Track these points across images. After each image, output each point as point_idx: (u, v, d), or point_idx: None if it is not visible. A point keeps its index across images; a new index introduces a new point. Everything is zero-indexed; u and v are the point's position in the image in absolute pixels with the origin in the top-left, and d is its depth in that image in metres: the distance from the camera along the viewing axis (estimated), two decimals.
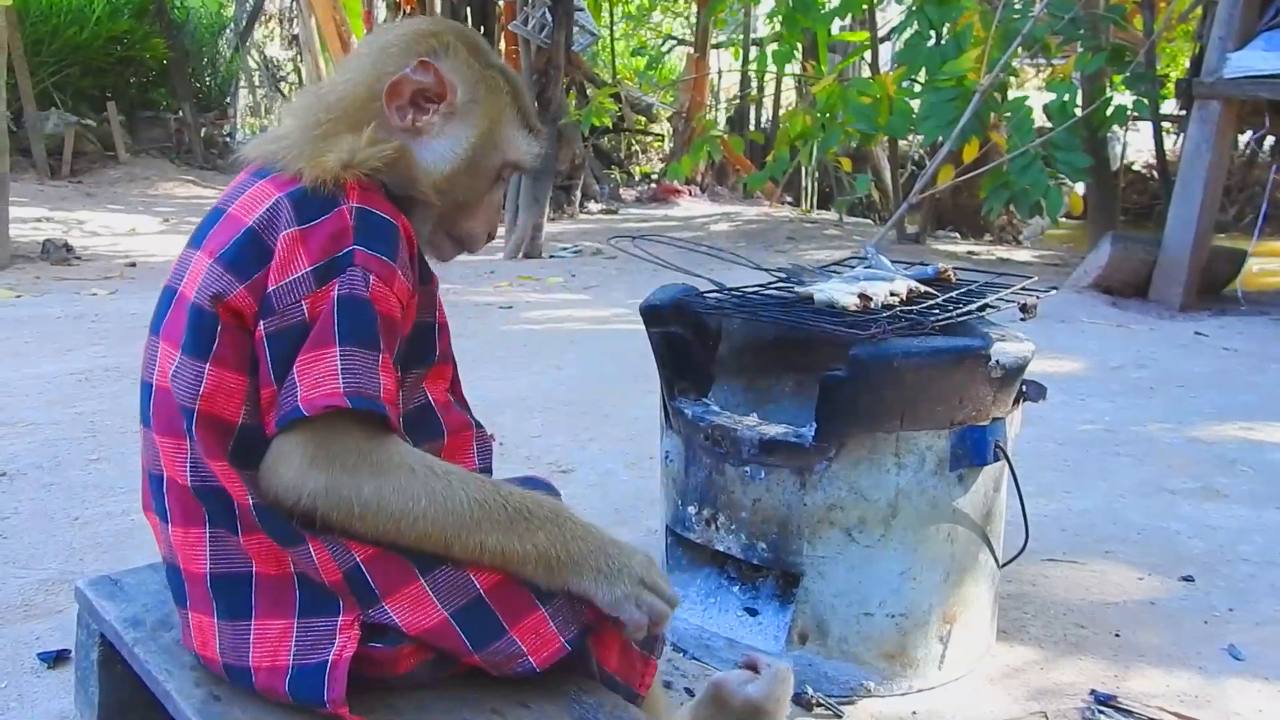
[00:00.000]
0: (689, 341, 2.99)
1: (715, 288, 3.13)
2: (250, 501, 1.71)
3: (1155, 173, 13.70)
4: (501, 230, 11.48)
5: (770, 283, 3.24)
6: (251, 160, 1.88)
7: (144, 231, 11.47)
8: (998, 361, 2.65)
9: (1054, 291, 3.46)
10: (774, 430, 2.72)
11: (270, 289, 1.66)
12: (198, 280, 1.72)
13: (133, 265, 9.24)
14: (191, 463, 1.73)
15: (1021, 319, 3.02)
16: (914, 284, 3.00)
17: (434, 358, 1.91)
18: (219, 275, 1.69)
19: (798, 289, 3.00)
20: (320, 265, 1.66)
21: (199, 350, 1.69)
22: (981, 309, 2.90)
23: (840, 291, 2.81)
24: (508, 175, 2.01)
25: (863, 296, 2.78)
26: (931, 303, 2.91)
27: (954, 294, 3.03)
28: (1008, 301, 3.01)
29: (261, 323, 1.66)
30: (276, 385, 1.66)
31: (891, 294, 2.86)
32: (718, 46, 20.31)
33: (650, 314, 2.98)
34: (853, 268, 3.31)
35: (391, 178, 1.81)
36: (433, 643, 1.77)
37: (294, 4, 18.53)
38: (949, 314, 2.78)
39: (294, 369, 1.64)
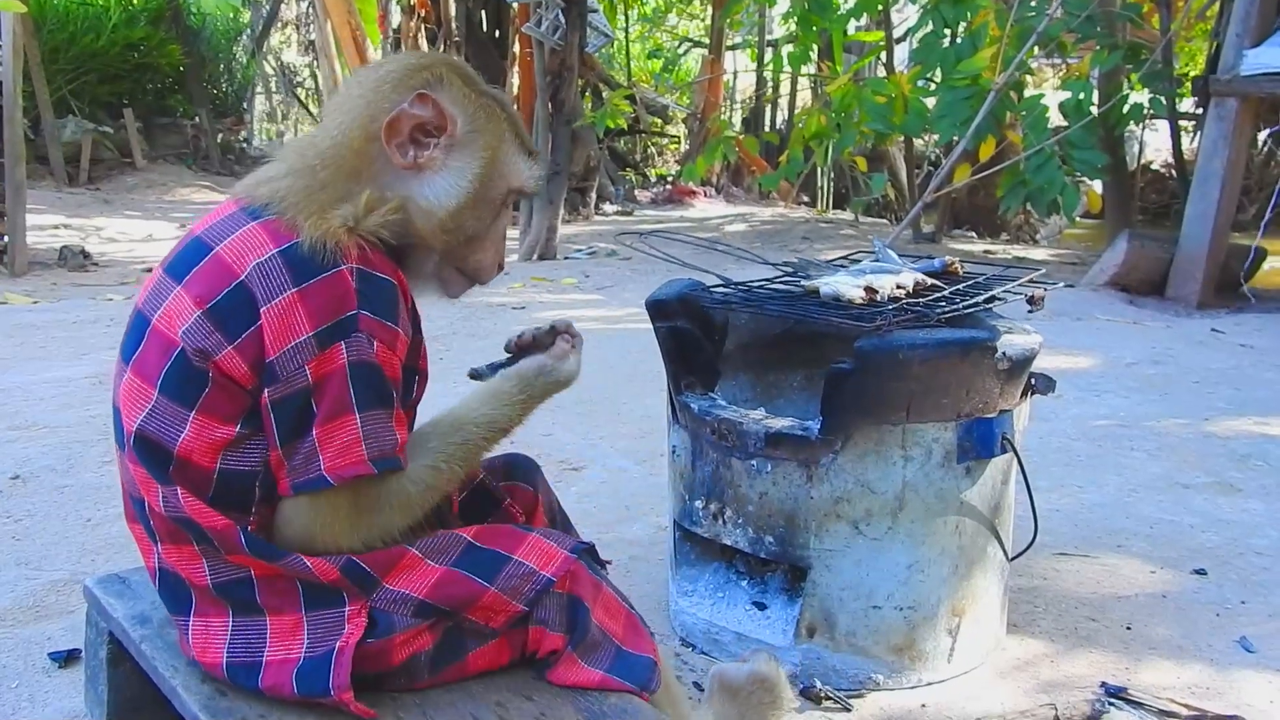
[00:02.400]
0: (695, 336, 2.98)
1: (722, 282, 3.13)
2: (223, 526, 1.74)
3: (1172, 171, 13.65)
4: (516, 232, 11.50)
5: (776, 277, 3.23)
6: (241, 197, 1.84)
7: (160, 237, 11.52)
8: (1004, 353, 2.63)
9: (1062, 285, 3.45)
10: (780, 423, 2.72)
11: (271, 358, 1.66)
12: (178, 323, 1.72)
13: (149, 271, 9.24)
14: (162, 496, 1.75)
15: (1029, 312, 3.01)
16: (921, 277, 2.99)
17: (407, 402, 1.92)
18: (207, 331, 1.68)
19: (804, 283, 3.00)
20: (323, 329, 1.66)
21: (184, 398, 1.71)
22: (988, 301, 2.89)
23: (846, 285, 2.80)
24: (510, 201, 1.99)
25: (868, 289, 2.77)
26: (938, 295, 2.90)
27: (961, 287, 3.02)
28: (1015, 294, 3.00)
29: (266, 390, 1.68)
30: (282, 448, 1.70)
31: (898, 287, 2.85)
32: (733, 48, 20.34)
33: (656, 309, 2.98)
34: (860, 262, 3.30)
35: (392, 232, 1.79)
36: (444, 596, 1.81)
37: (310, 9, 18.59)
38: (955, 306, 2.77)
39: (313, 437, 1.68)
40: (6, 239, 8.84)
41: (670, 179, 19.10)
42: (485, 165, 1.88)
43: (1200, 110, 10.39)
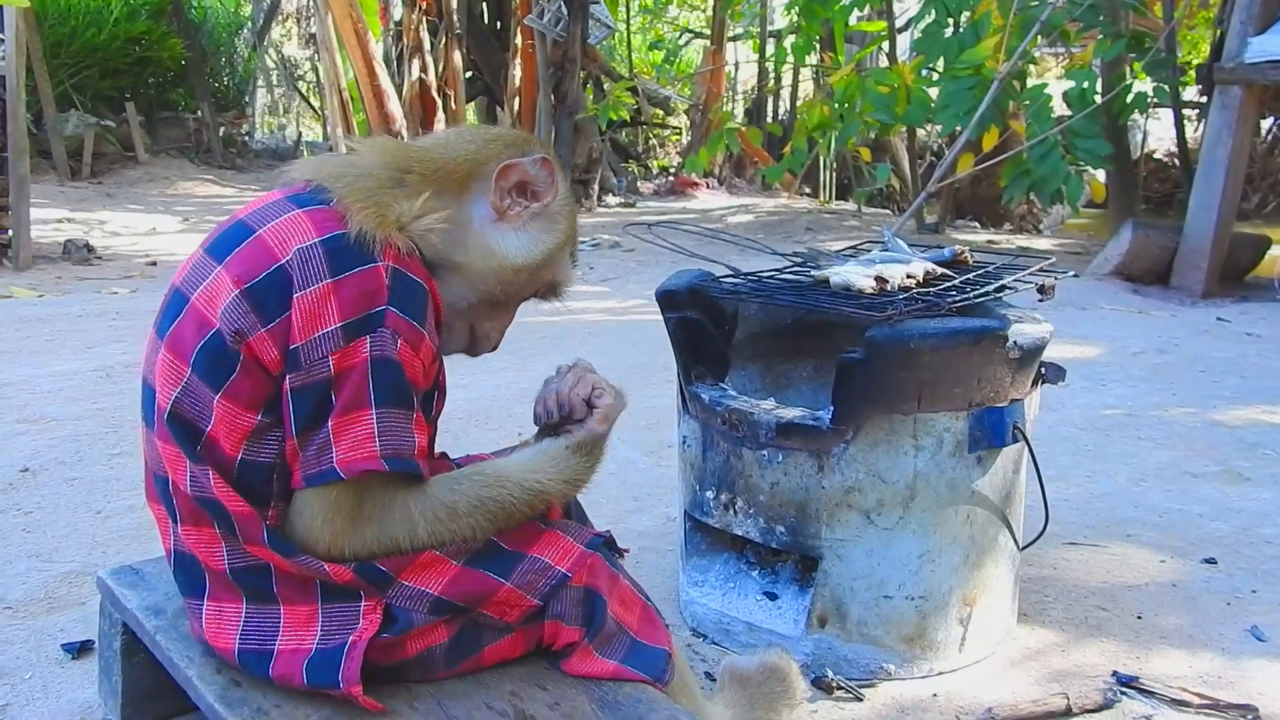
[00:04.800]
0: (705, 326, 2.98)
1: (731, 273, 3.13)
2: (247, 513, 1.74)
3: (1176, 160, 13.62)
4: None
5: (786, 267, 3.23)
6: (300, 180, 1.87)
7: (164, 231, 11.51)
8: (1015, 343, 2.63)
9: (1071, 274, 3.45)
10: (791, 413, 2.72)
11: (297, 344, 1.67)
12: (217, 301, 1.73)
13: (153, 264, 9.28)
14: (190, 475, 1.75)
15: (1039, 300, 3.01)
16: (931, 266, 2.99)
17: (428, 416, 1.92)
18: (244, 311, 1.69)
19: (814, 273, 3.00)
20: (351, 321, 1.67)
21: (213, 380, 1.72)
22: (999, 290, 2.89)
23: (856, 274, 2.80)
24: (542, 294, 2.06)
25: (879, 279, 2.77)
26: (948, 284, 2.90)
27: (971, 276, 3.02)
28: (1025, 283, 3.00)
29: (287, 377, 1.68)
30: (297, 437, 1.70)
31: (908, 276, 2.84)
32: (735, 39, 20.28)
33: (666, 299, 2.98)
34: (869, 252, 3.30)
35: (434, 243, 1.81)
36: (460, 592, 1.81)
37: (311, 3, 18.56)
38: (966, 295, 2.77)
39: (328, 428, 1.68)
40: (11, 233, 8.82)
41: (673, 171, 19.07)
42: (554, 245, 1.97)
43: (1204, 99, 10.39)
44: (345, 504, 1.73)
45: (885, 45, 13.35)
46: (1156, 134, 17.54)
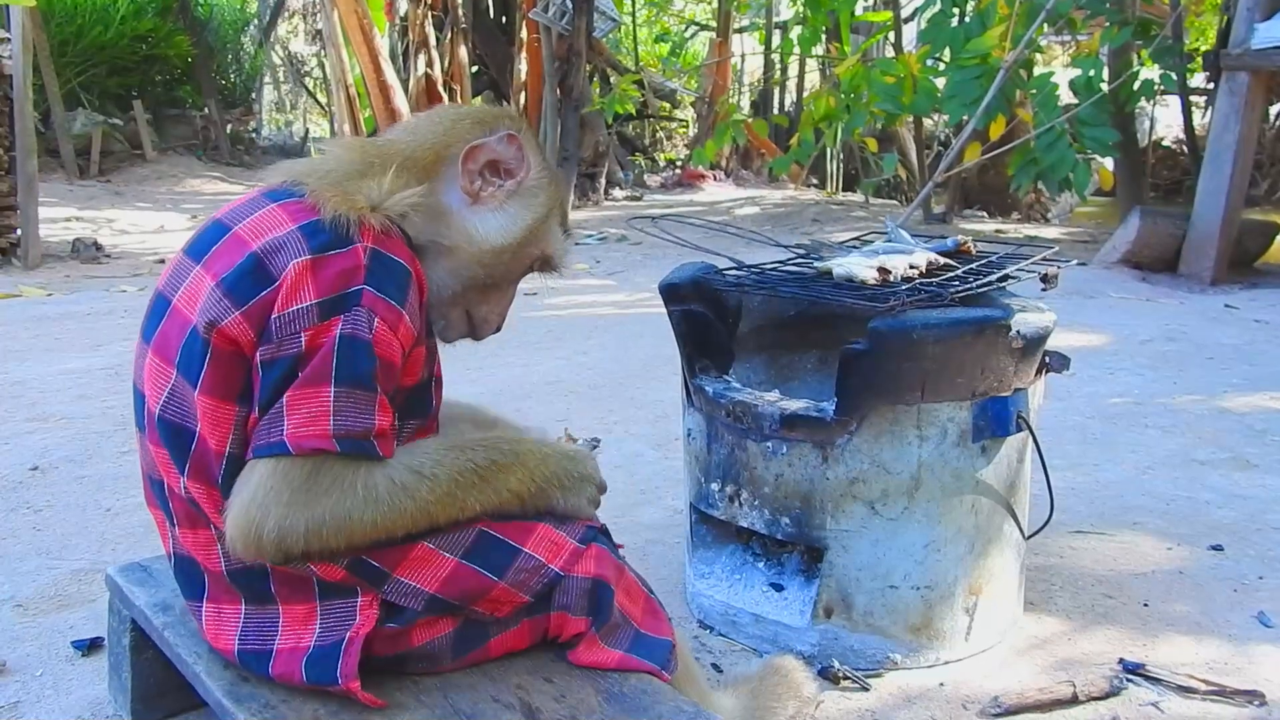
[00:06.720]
0: (709, 319, 2.98)
1: (734, 265, 3.13)
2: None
3: (1184, 147, 13.57)
4: None
5: (789, 259, 3.23)
6: (276, 181, 1.87)
7: (172, 229, 11.54)
8: (1019, 332, 2.63)
9: (1075, 263, 3.45)
10: (795, 405, 2.72)
11: (272, 316, 1.65)
12: (197, 299, 1.73)
13: (161, 262, 9.29)
14: (182, 480, 1.76)
15: (1043, 290, 3.01)
16: (934, 257, 2.99)
17: (430, 412, 1.92)
18: (217, 300, 1.69)
19: (816, 264, 3.00)
20: (327, 299, 1.66)
21: (191, 376, 1.71)
22: (1002, 280, 2.89)
23: (859, 265, 2.80)
24: (536, 269, 2.05)
25: (881, 270, 2.77)
26: (951, 274, 2.90)
27: (974, 266, 3.02)
28: (1028, 272, 3.00)
29: (259, 350, 1.67)
30: (260, 412, 1.67)
31: (911, 267, 2.85)
32: (740, 31, 20.25)
33: (669, 292, 2.98)
34: (872, 243, 3.30)
35: (415, 224, 1.81)
36: (455, 590, 1.81)
37: None
38: (969, 285, 2.77)
39: (283, 400, 1.64)
40: (20, 232, 8.86)
41: (679, 163, 19.08)
42: (536, 221, 1.96)
43: (1211, 85, 10.35)
44: (294, 479, 1.65)
45: (891, 35, 13.30)
46: (1164, 121, 17.51)
